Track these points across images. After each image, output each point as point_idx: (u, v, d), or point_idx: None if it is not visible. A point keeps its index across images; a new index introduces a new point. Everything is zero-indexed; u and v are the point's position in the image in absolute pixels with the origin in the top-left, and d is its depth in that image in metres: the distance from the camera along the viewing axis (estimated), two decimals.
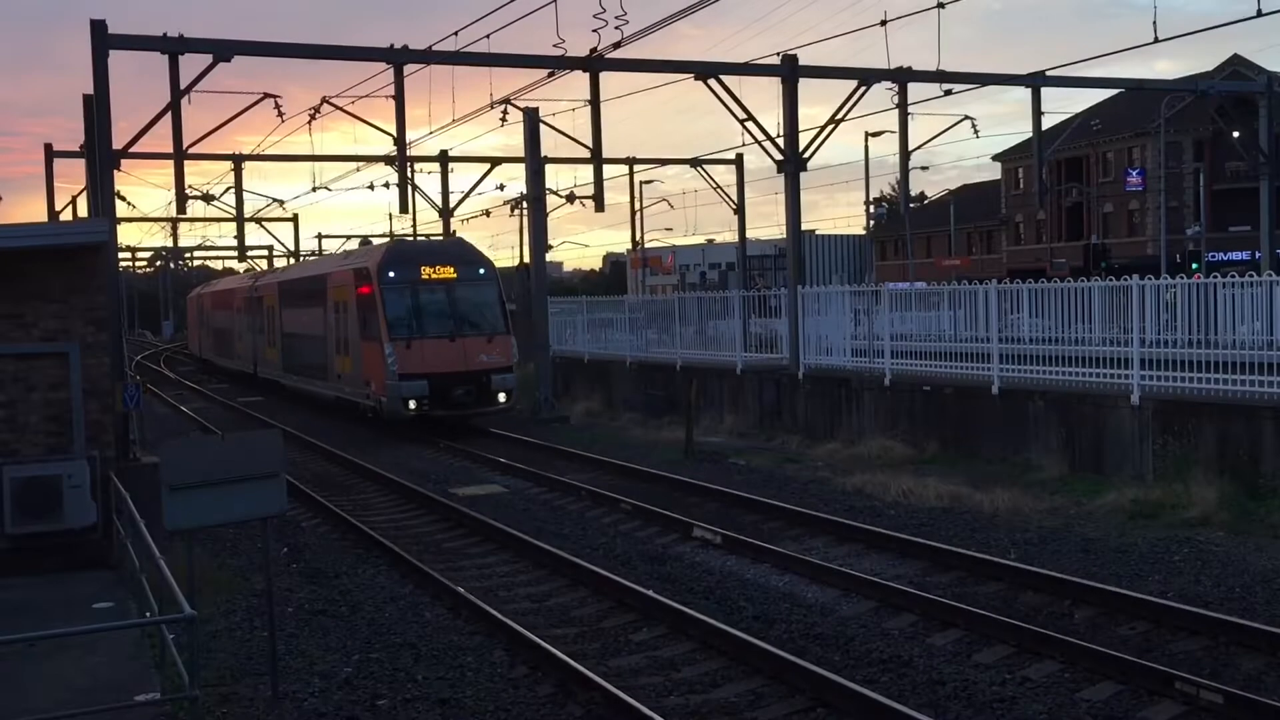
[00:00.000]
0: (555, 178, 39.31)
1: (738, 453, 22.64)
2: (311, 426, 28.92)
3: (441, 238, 38.70)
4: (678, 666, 10.29)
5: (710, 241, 74.56)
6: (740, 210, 41.55)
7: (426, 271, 26.74)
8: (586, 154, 27.09)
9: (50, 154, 38.67)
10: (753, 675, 9.90)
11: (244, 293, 43.67)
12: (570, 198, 39.82)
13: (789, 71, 25.03)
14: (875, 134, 52.04)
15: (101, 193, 20.65)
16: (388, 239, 53.63)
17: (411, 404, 25.58)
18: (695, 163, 41.42)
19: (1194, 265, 47.16)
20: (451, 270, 26.96)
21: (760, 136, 25.82)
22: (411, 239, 36.59)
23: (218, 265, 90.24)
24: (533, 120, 29.47)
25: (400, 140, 24.19)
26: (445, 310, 26.66)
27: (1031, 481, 17.82)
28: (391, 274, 26.42)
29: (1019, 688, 9.35)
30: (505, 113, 27.11)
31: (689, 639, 10.95)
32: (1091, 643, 10.06)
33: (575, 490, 18.76)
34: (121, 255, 59.42)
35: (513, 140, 56.64)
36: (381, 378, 26.05)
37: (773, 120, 25.62)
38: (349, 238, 61.89)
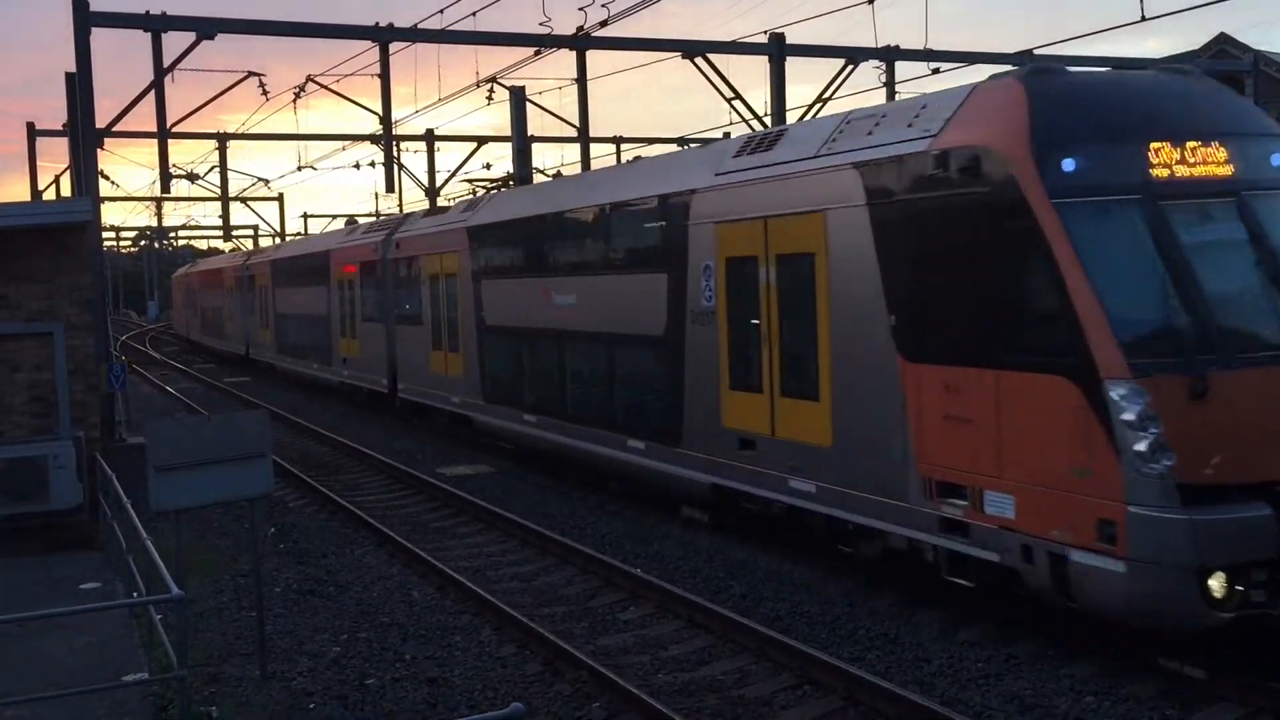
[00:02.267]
0: (542, 157, 39.29)
1: None
2: (302, 409, 28.85)
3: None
4: (665, 645, 10.33)
5: None
6: None
7: (1166, 159, 9.37)
8: (573, 133, 27.05)
9: (33, 133, 38.37)
10: (740, 653, 9.94)
11: (365, 252, 26.65)
12: (557, 177, 39.75)
13: (776, 50, 24.99)
14: None
15: (85, 172, 20.53)
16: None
17: (1217, 585, 8.36)
18: (682, 142, 41.32)
19: None
20: (1225, 159, 9.49)
21: (747, 115, 25.80)
22: (1059, 66, 10.51)
23: (202, 245, 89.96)
24: (519, 99, 29.37)
25: (386, 119, 24.10)
26: (1258, 274, 9.25)
27: None
28: (1075, 164, 9.21)
29: (1004, 664, 9.41)
30: (491, 91, 27.06)
31: (677, 617, 10.99)
32: (1074, 620, 10.12)
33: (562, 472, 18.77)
34: (105, 235, 59.14)
35: (499, 119, 56.40)
36: (1105, 496, 8.65)
37: (760, 99, 25.63)
38: (334, 216, 61.50)
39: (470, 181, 26.40)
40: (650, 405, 14.59)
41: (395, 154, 32.48)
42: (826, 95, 26.13)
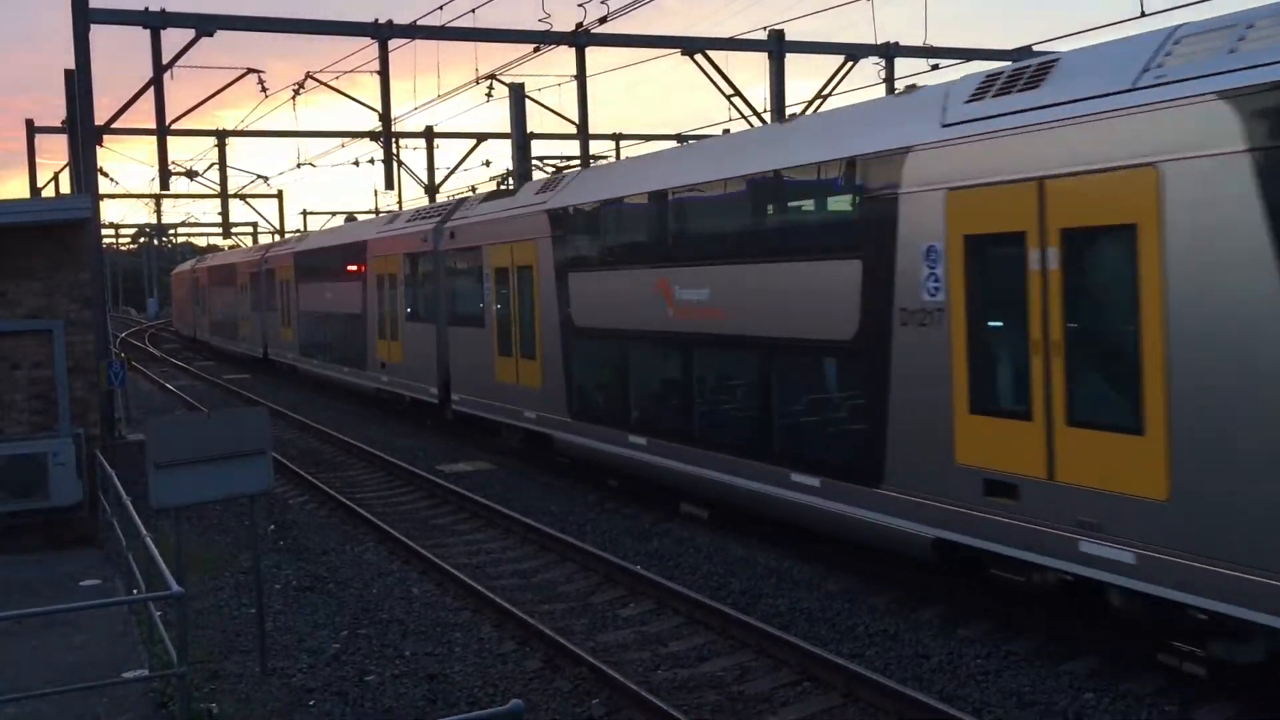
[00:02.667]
0: (541, 154, 39.16)
1: None
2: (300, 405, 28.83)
3: None
4: (665, 641, 10.34)
5: None
6: None
7: None
8: (572, 130, 27.05)
9: (32, 130, 38.37)
10: (740, 649, 9.95)
11: (411, 243, 23.41)
12: (557, 173, 39.72)
13: (776, 47, 24.99)
14: None
15: (84, 169, 20.52)
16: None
17: None
18: (681, 139, 41.32)
19: None
20: None
21: (746, 112, 25.80)
22: None
23: (202, 242, 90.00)
24: (518, 96, 29.37)
25: (385, 116, 24.10)
26: None
27: None
28: None
29: (1003, 661, 9.42)
30: (491, 88, 27.09)
31: (676, 614, 11.00)
32: (1072, 617, 10.13)
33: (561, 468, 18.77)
34: (105, 232, 59.04)
35: (498, 116, 56.32)
36: None
37: (759, 95, 25.62)
38: (334, 214, 61.53)
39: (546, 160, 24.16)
40: (830, 431, 11.45)
41: (395, 151, 32.41)
42: (826, 91, 26.13)
